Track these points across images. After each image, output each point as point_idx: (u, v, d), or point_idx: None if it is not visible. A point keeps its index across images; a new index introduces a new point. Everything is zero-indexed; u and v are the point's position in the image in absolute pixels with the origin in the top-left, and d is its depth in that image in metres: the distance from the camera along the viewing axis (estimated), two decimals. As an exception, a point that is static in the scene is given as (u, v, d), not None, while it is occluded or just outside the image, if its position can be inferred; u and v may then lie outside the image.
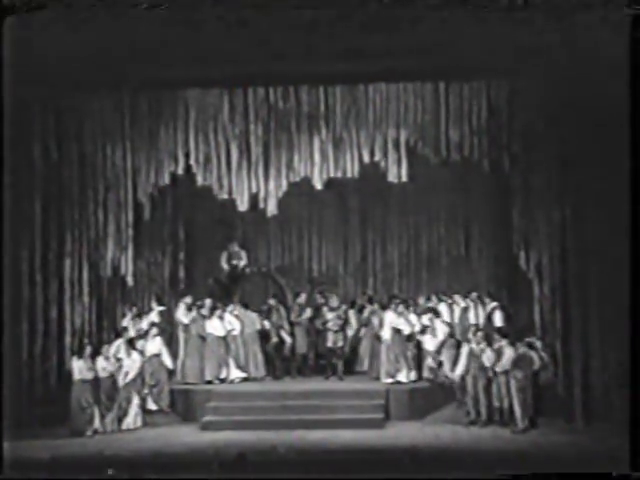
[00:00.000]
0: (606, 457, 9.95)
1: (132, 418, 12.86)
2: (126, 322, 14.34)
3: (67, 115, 13.31)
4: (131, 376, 12.89)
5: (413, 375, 13.74)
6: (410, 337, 13.81)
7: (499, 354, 12.35)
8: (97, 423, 12.56)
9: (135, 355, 13.09)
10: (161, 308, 14.95)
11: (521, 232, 13.21)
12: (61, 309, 13.45)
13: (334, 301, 14.83)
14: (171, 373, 14.02)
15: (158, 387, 13.54)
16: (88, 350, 12.72)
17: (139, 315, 14.57)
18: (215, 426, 12.65)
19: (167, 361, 13.73)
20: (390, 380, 13.68)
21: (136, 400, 12.92)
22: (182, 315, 14.61)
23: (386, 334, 13.81)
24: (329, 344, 14.38)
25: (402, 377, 13.70)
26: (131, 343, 13.30)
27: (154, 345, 13.68)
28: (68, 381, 12.66)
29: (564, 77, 12.35)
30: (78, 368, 12.51)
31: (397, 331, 13.76)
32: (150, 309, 14.98)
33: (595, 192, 12.31)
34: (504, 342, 12.43)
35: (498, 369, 12.28)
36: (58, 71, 12.26)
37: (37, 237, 13.23)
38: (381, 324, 14.11)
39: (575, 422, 12.33)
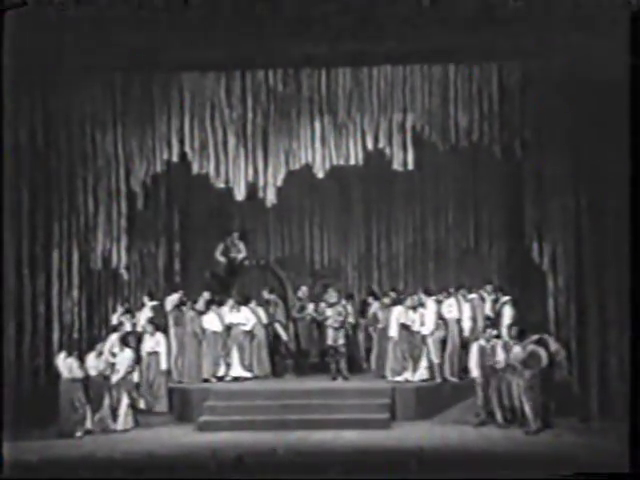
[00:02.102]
0: (623, 458, 9.87)
1: (122, 419, 12.76)
2: (116, 318, 14.27)
3: (55, 99, 13.24)
4: (121, 374, 12.80)
5: (423, 373, 13.63)
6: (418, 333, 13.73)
7: (508, 351, 12.26)
8: (88, 424, 12.48)
9: (127, 352, 13.00)
10: (154, 303, 14.87)
11: (534, 222, 13.17)
12: (49, 304, 13.38)
13: (332, 296, 14.65)
14: (168, 372, 13.94)
15: (154, 387, 13.47)
16: (78, 347, 12.65)
17: (130, 310, 14.50)
18: (212, 426, 12.59)
19: (162, 361, 13.61)
20: (397, 378, 13.60)
21: (126, 400, 12.83)
22: (169, 305, 14.54)
23: (393, 330, 13.72)
24: (329, 342, 14.18)
25: (409, 375, 13.61)
26: (124, 339, 13.20)
27: (152, 342, 13.59)
28: (57, 380, 12.58)
29: (579, 58, 12.26)
30: (68, 366, 12.43)
31: (405, 327, 13.67)
32: (142, 304, 14.91)
33: (612, 179, 12.19)
34: (513, 339, 12.32)
35: (504, 366, 12.20)
36: (45, 52, 12.17)
37: (24, 228, 13.14)
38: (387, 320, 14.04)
39: (591, 422, 12.28)
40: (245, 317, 14.46)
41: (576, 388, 12.69)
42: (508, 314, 14.00)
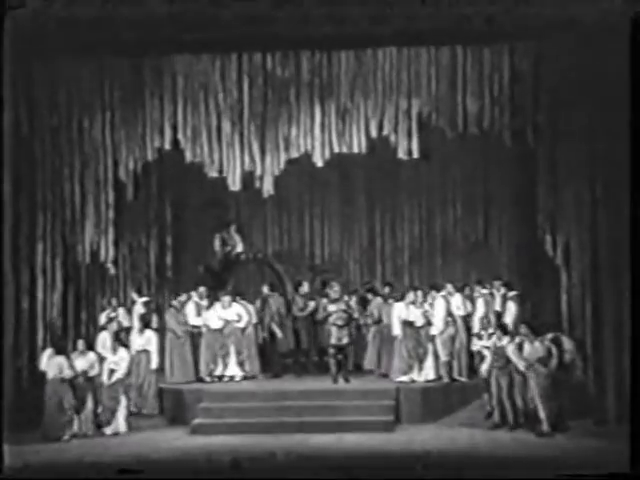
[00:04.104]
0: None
1: (121, 422, 12.69)
2: (105, 315, 14.26)
3: (39, 82, 13.22)
4: (119, 374, 12.74)
5: (429, 373, 13.62)
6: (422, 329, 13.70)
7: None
8: (76, 426, 12.47)
9: (123, 351, 12.93)
10: (144, 299, 14.85)
11: (547, 213, 13.15)
12: (33, 300, 13.37)
13: (335, 292, 14.54)
14: (161, 370, 13.94)
15: (144, 387, 13.45)
16: (64, 345, 12.64)
17: (119, 307, 14.48)
18: (206, 429, 12.58)
19: (153, 360, 13.57)
20: (403, 378, 13.59)
21: (124, 401, 12.79)
22: (170, 315, 14.49)
23: (396, 328, 13.71)
24: (333, 341, 13.95)
25: (415, 375, 13.60)
26: (117, 338, 13.18)
27: (142, 340, 13.56)
28: (41, 380, 12.55)
29: (594, 40, 12.24)
30: (56, 365, 12.39)
31: (409, 324, 13.67)
32: (132, 301, 14.90)
33: (629, 168, 12.17)
34: (514, 338, 12.31)
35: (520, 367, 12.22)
36: (29, 32, 12.12)
37: (6, 220, 13.05)
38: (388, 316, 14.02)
39: (607, 424, 12.27)
40: (236, 313, 14.44)
41: (591, 389, 12.69)
42: (511, 310, 13.98)
